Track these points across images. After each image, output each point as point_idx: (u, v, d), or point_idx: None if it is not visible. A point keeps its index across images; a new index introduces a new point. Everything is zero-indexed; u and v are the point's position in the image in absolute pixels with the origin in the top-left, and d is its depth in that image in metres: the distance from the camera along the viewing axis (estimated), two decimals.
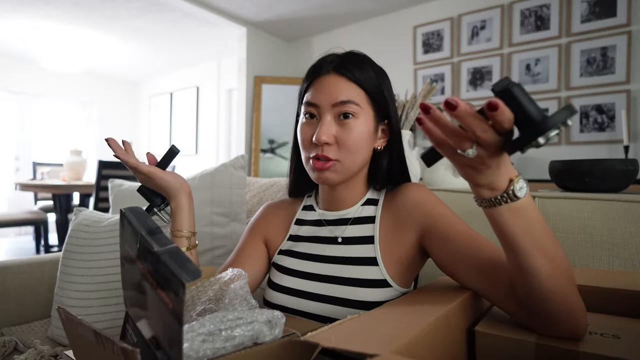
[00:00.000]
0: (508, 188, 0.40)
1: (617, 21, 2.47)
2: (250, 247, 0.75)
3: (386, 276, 0.62)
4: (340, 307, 0.62)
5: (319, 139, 0.61)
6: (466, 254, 0.55)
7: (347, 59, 0.65)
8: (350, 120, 0.62)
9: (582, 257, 0.75)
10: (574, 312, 0.42)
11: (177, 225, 0.70)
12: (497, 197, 0.41)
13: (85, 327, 0.37)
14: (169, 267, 0.32)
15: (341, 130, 0.62)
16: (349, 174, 0.65)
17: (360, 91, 0.63)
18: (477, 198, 0.43)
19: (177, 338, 0.31)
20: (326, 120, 0.62)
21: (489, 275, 0.51)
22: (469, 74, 3.01)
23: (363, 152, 0.65)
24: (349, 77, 0.63)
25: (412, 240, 0.63)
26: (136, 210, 0.45)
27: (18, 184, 3.27)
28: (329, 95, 0.62)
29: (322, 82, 0.64)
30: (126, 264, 0.45)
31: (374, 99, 0.64)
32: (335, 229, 0.69)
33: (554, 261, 0.42)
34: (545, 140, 0.33)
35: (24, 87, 4.91)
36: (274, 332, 0.43)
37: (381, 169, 0.69)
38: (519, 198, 0.40)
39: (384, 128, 0.68)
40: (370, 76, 0.64)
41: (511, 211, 0.41)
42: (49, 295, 1.10)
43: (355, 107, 0.62)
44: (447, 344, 0.43)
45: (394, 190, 0.69)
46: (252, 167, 3.59)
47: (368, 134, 0.64)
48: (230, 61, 4.57)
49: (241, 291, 0.54)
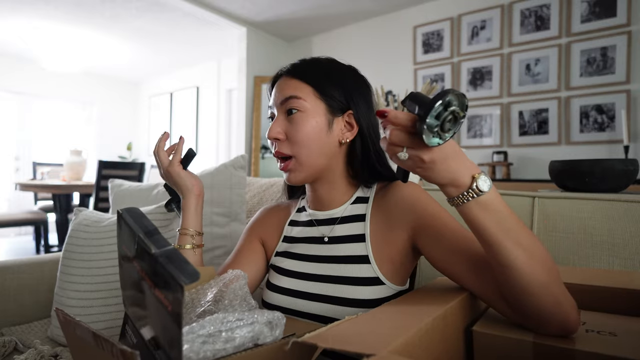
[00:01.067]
0: (472, 184, 0.43)
1: (617, 21, 2.47)
2: (248, 249, 0.76)
3: (379, 274, 0.62)
4: (335, 306, 0.62)
5: (269, 135, 0.66)
6: (458, 252, 0.55)
7: (301, 61, 0.70)
8: (295, 115, 0.65)
9: (582, 257, 0.75)
10: (560, 305, 0.43)
11: (183, 224, 0.73)
12: (463, 193, 0.43)
13: (83, 329, 0.37)
14: (168, 270, 0.32)
15: (289, 125, 0.65)
16: (312, 170, 0.66)
17: (306, 86, 0.66)
18: (447, 198, 0.46)
19: (177, 340, 0.31)
20: (278, 118, 0.67)
21: (480, 272, 0.52)
22: (469, 74, 3.01)
23: (318, 145, 0.65)
24: (294, 76, 0.67)
25: (404, 238, 0.63)
26: (133, 211, 0.45)
27: (18, 184, 3.28)
28: (278, 95, 0.67)
29: (277, 84, 0.70)
30: (124, 264, 0.45)
31: (323, 92, 0.66)
32: (323, 228, 0.70)
33: (528, 251, 0.43)
34: (434, 118, 0.38)
35: (24, 87, 4.91)
36: (274, 333, 0.43)
37: (355, 163, 0.69)
38: (484, 192, 0.43)
39: (348, 121, 0.68)
40: (318, 72, 0.67)
41: (479, 205, 0.43)
42: (49, 295, 1.10)
43: (299, 101, 0.65)
44: (444, 344, 0.43)
45: (385, 188, 0.69)
46: (252, 167, 3.59)
47: (318, 127, 0.65)
48: (230, 61, 4.58)
49: (240, 292, 0.55)
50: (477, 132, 2.98)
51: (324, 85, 0.66)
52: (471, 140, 3.00)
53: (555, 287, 0.43)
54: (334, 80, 0.67)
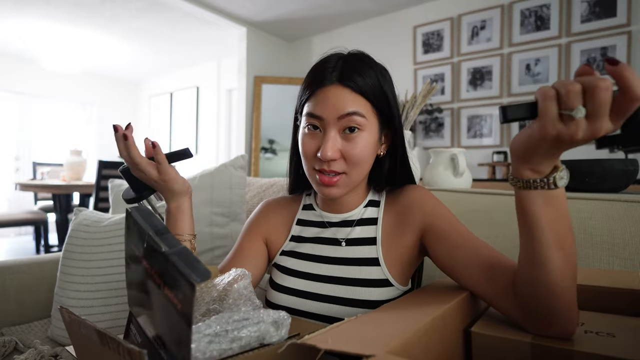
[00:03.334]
0: (550, 174, 0.40)
1: (617, 21, 2.47)
2: (249, 247, 0.75)
3: (388, 276, 0.63)
4: (344, 307, 0.63)
5: (325, 155, 0.59)
6: (465, 252, 0.56)
7: (349, 65, 0.62)
8: (356, 134, 0.60)
9: (582, 257, 0.75)
10: (570, 310, 0.43)
11: (179, 229, 0.66)
12: (536, 179, 0.41)
13: (89, 328, 0.37)
14: (179, 268, 0.32)
15: (347, 144, 0.60)
16: (354, 186, 0.65)
17: (365, 102, 0.61)
18: (514, 177, 0.42)
19: (186, 339, 0.31)
20: (331, 135, 0.60)
21: (488, 273, 0.52)
22: (469, 74, 3.01)
23: (369, 163, 0.65)
24: (353, 88, 0.60)
25: (413, 240, 0.64)
26: (142, 209, 0.45)
27: (18, 184, 3.28)
28: (334, 109, 0.59)
29: (326, 94, 0.60)
30: (132, 264, 0.45)
31: (378, 108, 0.62)
32: (338, 230, 0.70)
33: (567, 256, 0.42)
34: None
35: (24, 87, 4.91)
36: (280, 332, 0.43)
37: (383, 172, 0.69)
38: (557, 187, 0.40)
39: (387, 133, 0.68)
40: (373, 83, 0.61)
41: (543, 198, 0.41)
42: (49, 295, 1.10)
43: (361, 119, 0.60)
44: (443, 344, 0.43)
45: (395, 192, 0.70)
46: (252, 167, 3.59)
47: (373, 145, 0.63)
48: (230, 61, 4.58)
49: (245, 291, 0.54)
50: (477, 132, 2.97)
51: (379, 98, 0.62)
52: (471, 140, 3.00)
53: (573, 292, 0.43)
54: (384, 90, 0.63)
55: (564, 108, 0.35)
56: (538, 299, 0.43)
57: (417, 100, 1.30)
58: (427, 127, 3.18)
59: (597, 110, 0.34)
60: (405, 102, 1.32)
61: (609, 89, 0.33)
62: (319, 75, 0.62)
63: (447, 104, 3.08)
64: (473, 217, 0.86)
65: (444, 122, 3.10)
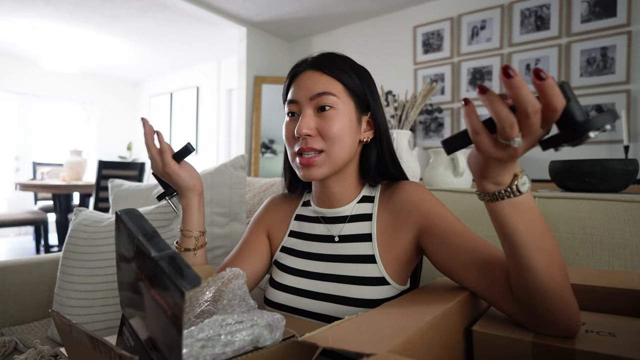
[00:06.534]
0: (512, 183, 0.41)
1: (617, 21, 2.47)
2: (254, 241, 0.76)
3: (384, 274, 0.62)
4: (340, 305, 0.62)
5: (300, 131, 0.62)
6: (464, 252, 0.56)
7: (325, 56, 0.67)
8: (329, 112, 0.63)
9: (582, 257, 0.75)
10: (569, 308, 0.43)
11: (187, 225, 0.70)
12: (500, 191, 0.42)
13: (79, 331, 0.37)
14: (168, 275, 0.31)
15: (321, 121, 0.63)
16: (336, 167, 0.65)
17: (337, 83, 0.64)
18: (480, 192, 0.44)
19: (177, 344, 0.30)
20: (306, 113, 0.63)
21: (486, 273, 0.52)
22: (469, 74, 3.01)
23: (348, 142, 0.65)
24: (325, 72, 0.64)
25: (410, 238, 0.63)
26: (132, 212, 0.44)
27: (18, 184, 3.28)
28: (307, 90, 0.64)
29: (300, 79, 0.66)
30: (122, 265, 0.44)
31: (352, 91, 0.65)
32: (332, 227, 0.70)
33: (550, 257, 0.42)
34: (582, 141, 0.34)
35: (24, 87, 4.91)
36: (274, 335, 0.43)
37: (370, 162, 0.69)
38: (522, 193, 0.41)
39: (369, 120, 0.69)
40: (347, 71, 0.65)
41: (512, 206, 0.42)
42: (49, 295, 1.10)
43: (333, 97, 0.63)
44: (444, 343, 0.43)
45: (391, 188, 0.69)
46: (252, 167, 3.59)
47: (350, 124, 0.64)
48: (230, 61, 4.58)
49: (239, 291, 0.54)
50: None
51: (353, 83, 0.65)
52: None
53: (566, 291, 0.43)
54: (360, 80, 0.67)
55: (501, 137, 0.36)
56: (533, 301, 0.44)
57: (417, 100, 1.30)
58: (427, 127, 3.18)
59: (531, 131, 0.36)
60: (405, 102, 1.32)
61: (539, 112, 0.35)
62: (296, 67, 0.68)
63: (447, 104, 3.08)
64: (473, 217, 0.86)
65: (444, 122, 3.10)
